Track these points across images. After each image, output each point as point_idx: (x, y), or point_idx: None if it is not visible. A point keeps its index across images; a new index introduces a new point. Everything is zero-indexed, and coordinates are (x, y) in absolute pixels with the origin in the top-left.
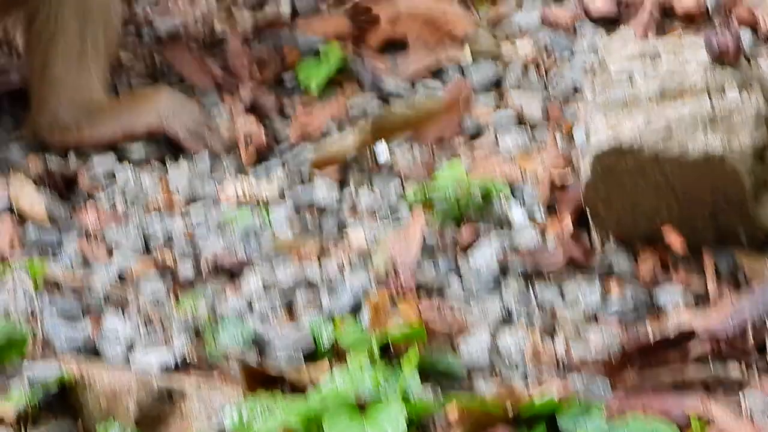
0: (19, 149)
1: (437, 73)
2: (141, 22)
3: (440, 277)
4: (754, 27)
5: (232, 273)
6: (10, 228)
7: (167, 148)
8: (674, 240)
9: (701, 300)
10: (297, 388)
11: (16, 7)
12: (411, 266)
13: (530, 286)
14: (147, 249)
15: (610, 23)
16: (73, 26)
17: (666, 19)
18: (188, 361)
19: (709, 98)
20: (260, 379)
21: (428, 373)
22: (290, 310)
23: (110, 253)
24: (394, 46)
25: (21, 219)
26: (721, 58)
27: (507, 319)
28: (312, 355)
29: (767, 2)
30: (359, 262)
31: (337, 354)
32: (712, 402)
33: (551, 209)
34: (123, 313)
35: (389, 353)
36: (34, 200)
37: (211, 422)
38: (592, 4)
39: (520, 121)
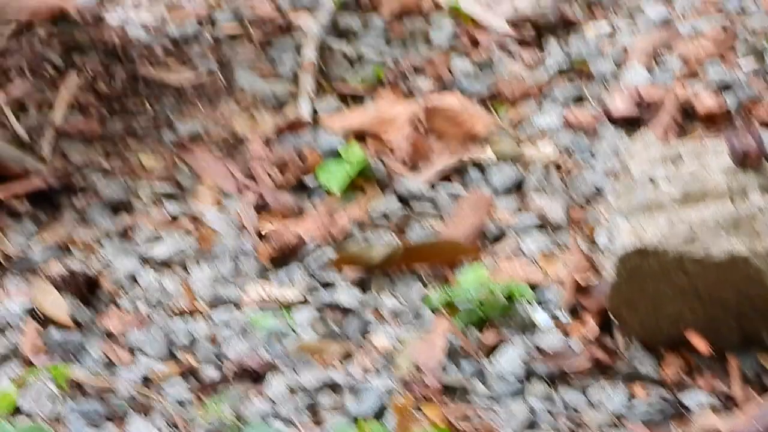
0: (41, 251)
1: (459, 173)
2: (161, 124)
3: (465, 380)
4: None
5: (256, 376)
6: (33, 331)
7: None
8: (699, 343)
9: (727, 403)
10: None
11: None
12: (435, 369)
13: (555, 389)
14: (171, 352)
15: (630, 124)
16: None
17: (687, 119)
18: None
19: (732, 201)
20: None
21: None
22: (314, 413)
23: (134, 356)
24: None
25: (44, 322)
26: (743, 160)
27: (532, 422)
28: None
29: None
30: (383, 365)
31: None
32: None
33: (575, 312)
34: (147, 417)
35: None
36: (57, 303)
37: None
38: (612, 106)
39: (543, 224)
